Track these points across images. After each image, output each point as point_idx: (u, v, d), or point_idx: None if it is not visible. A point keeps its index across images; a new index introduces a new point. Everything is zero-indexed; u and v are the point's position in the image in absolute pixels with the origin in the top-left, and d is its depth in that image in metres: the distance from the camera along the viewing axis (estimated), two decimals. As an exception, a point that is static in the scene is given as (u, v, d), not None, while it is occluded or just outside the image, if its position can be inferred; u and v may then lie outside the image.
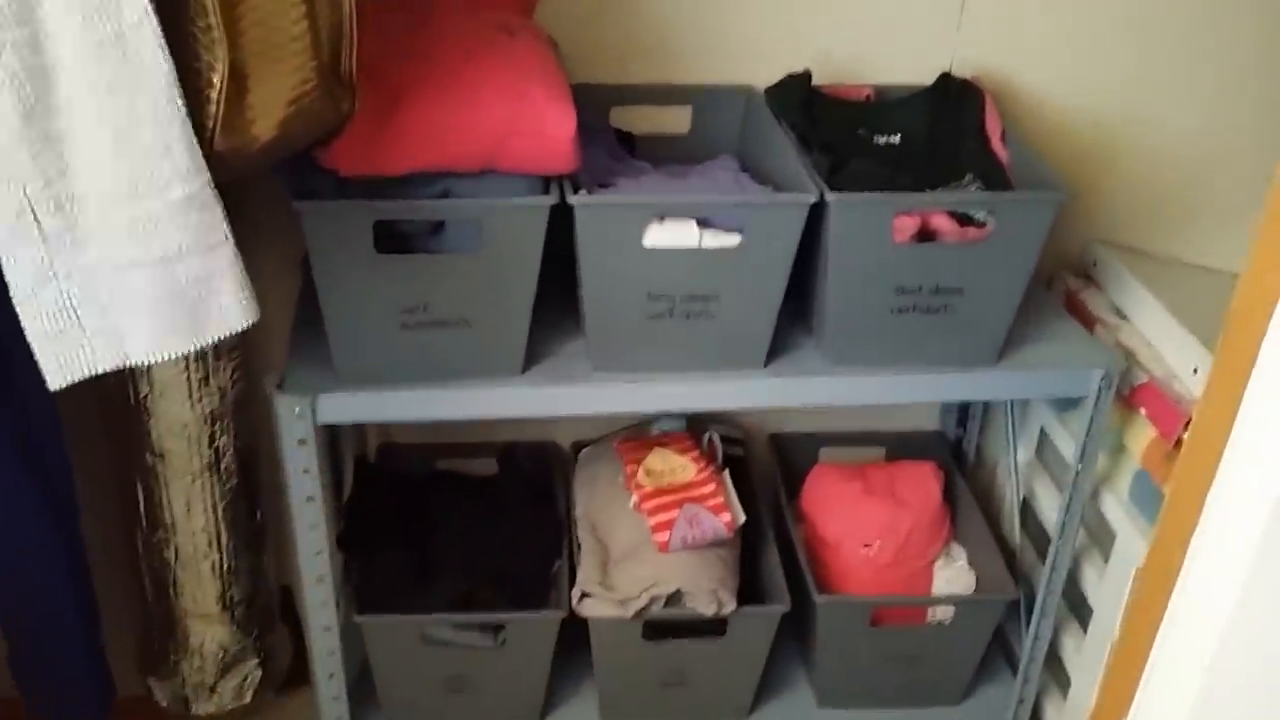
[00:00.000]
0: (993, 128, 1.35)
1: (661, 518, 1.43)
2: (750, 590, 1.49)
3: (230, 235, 0.83)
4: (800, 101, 1.35)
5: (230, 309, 0.85)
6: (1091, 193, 1.56)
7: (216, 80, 0.81)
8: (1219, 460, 0.85)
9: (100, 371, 0.82)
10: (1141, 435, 1.38)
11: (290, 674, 1.64)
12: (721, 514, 1.45)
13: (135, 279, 0.81)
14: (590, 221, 1.16)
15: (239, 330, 0.86)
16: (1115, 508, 1.42)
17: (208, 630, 1.51)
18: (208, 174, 0.81)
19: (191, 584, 1.48)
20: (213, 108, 0.82)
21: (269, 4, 0.82)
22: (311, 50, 0.85)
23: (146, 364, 0.83)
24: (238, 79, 0.82)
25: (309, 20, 0.84)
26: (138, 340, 0.83)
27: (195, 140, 0.80)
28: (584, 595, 1.41)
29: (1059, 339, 1.37)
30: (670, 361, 1.26)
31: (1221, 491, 0.86)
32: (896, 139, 1.39)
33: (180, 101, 0.78)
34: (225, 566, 1.47)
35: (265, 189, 1.19)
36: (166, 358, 0.83)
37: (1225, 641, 0.86)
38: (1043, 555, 1.47)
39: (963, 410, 1.73)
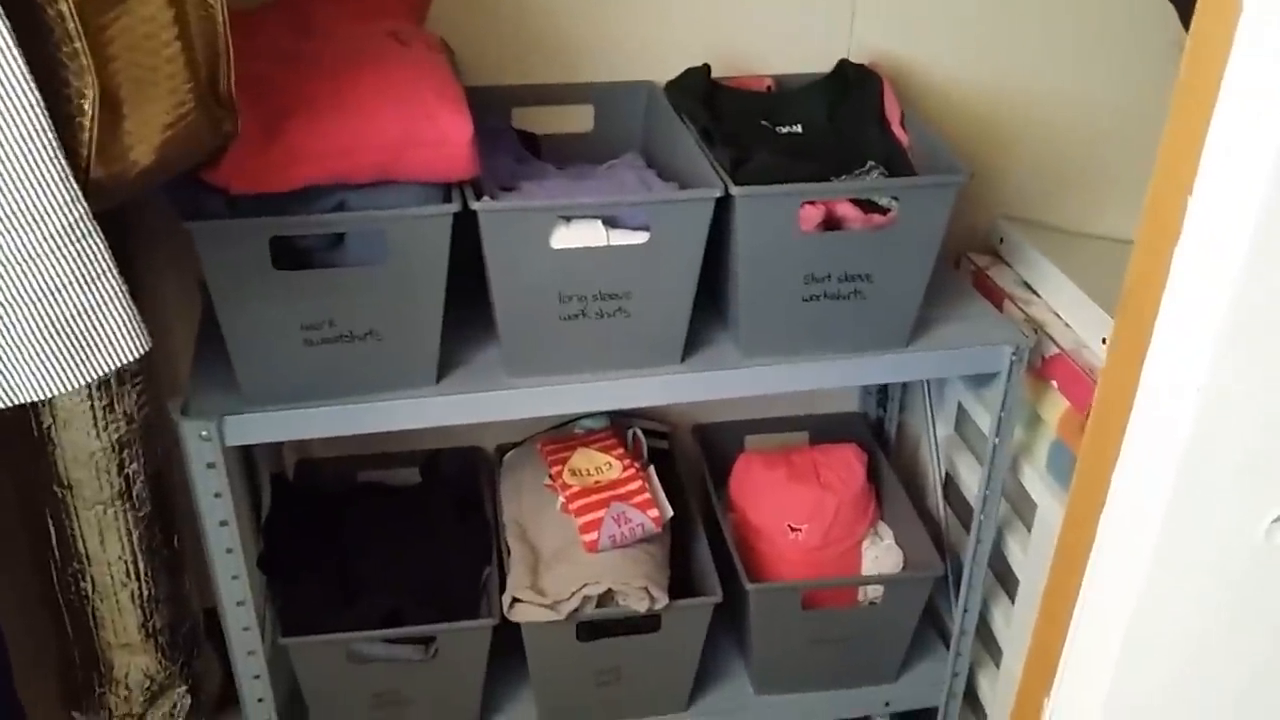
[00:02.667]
0: (892, 112, 1.36)
1: (589, 518, 1.43)
2: (683, 582, 1.49)
3: (113, 264, 0.81)
4: (701, 95, 1.35)
5: (118, 340, 0.82)
6: (994, 171, 1.58)
7: (88, 107, 0.78)
8: (1124, 430, 0.87)
9: (-17, 414, 0.79)
10: (1055, 406, 1.40)
11: (221, 698, 1.61)
12: (648, 510, 1.44)
13: (15, 316, 0.78)
14: (495, 226, 1.15)
15: (129, 361, 0.83)
16: (1034, 479, 1.45)
17: (132, 660, 1.48)
18: (85, 204, 0.78)
19: (111, 615, 1.45)
20: (86, 135, 0.79)
21: (139, 27, 0.79)
22: (187, 72, 0.83)
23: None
24: (111, 105, 0.79)
25: (182, 42, 0.81)
26: (23, 378, 0.80)
27: (69, 170, 0.77)
28: (515, 601, 1.40)
29: (969, 317, 1.39)
30: (586, 361, 1.26)
31: (1128, 460, 0.88)
32: (798, 128, 1.39)
33: (51, 131, 0.75)
34: (145, 595, 1.44)
35: (161, 209, 1.16)
36: (53, 394, 0.81)
37: (1141, 604, 0.88)
38: (968, 529, 1.49)
39: (882, 391, 1.75)
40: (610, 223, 1.18)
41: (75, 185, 0.77)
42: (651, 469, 1.53)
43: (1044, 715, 1.01)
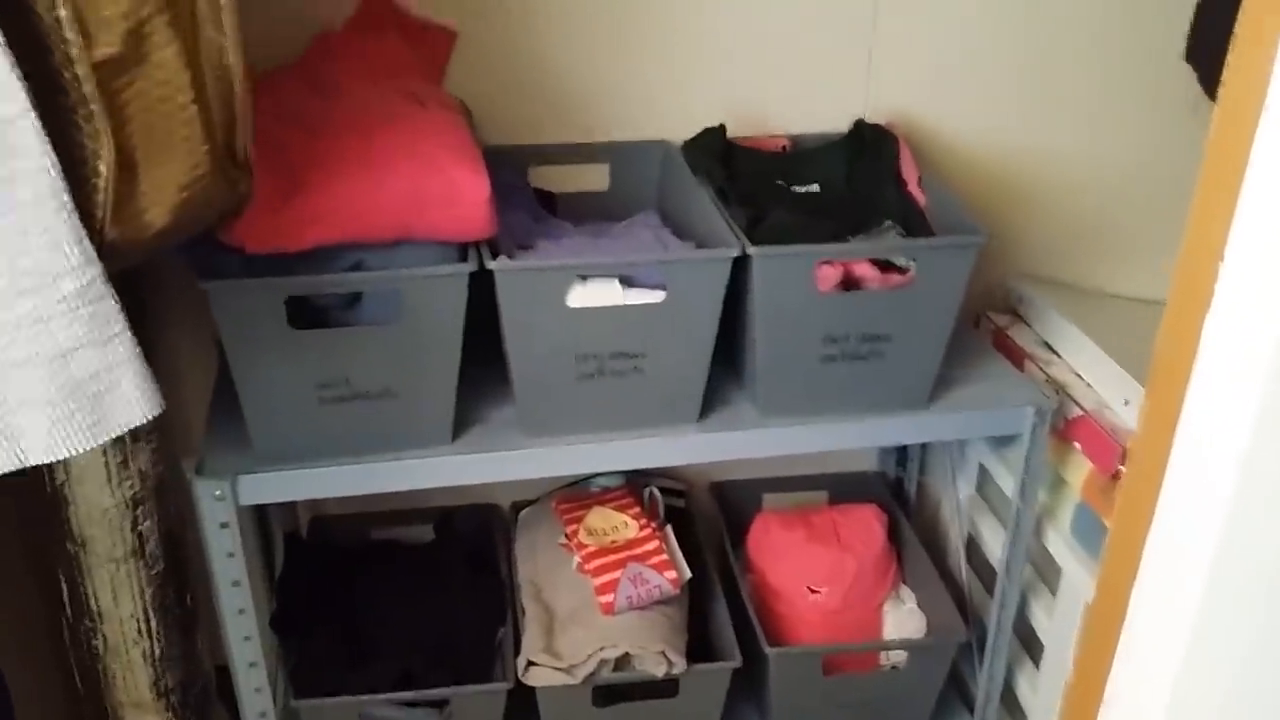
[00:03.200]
0: (909, 172, 1.36)
1: (605, 579, 1.41)
2: (700, 645, 1.47)
3: (127, 326, 0.80)
4: (717, 154, 1.35)
5: (131, 401, 0.82)
6: (1012, 229, 1.57)
7: (103, 169, 0.78)
8: (1158, 496, 0.85)
9: (-2, 474, 0.78)
10: (1079, 469, 1.37)
11: (232, 759, 1.59)
12: (666, 571, 1.42)
13: (29, 377, 0.78)
14: (511, 286, 1.15)
15: (142, 423, 0.82)
16: (1059, 542, 1.42)
17: (143, 719, 1.46)
18: (99, 265, 0.78)
19: (123, 673, 1.43)
20: (101, 197, 0.79)
21: (155, 89, 0.79)
22: (203, 134, 0.83)
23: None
24: (126, 167, 0.79)
25: (198, 104, 0.82)
26: (36, 439, 0.80)
27: (84, 231, 0.77)
28: (530, 664, 1.38)
29: (989, 378, 1.37)
30: (602, 421, 1.25)
31: (1162, 525, 0.85)
32: (815, 188, 1.39)
33: (66, 194, 0.75)
34: (157, 653, 1.42)
35: (177, 267, 1.16)
36: (67, 455, 0.80)
37: (1179, 677, 0.85)
38: (991, 593, 1.46)
39: (902, 451, 1.73)
40: (627, 281, 1.18)
41: (90, 247, 0.77)
42: (669, 528, 1.51)
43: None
